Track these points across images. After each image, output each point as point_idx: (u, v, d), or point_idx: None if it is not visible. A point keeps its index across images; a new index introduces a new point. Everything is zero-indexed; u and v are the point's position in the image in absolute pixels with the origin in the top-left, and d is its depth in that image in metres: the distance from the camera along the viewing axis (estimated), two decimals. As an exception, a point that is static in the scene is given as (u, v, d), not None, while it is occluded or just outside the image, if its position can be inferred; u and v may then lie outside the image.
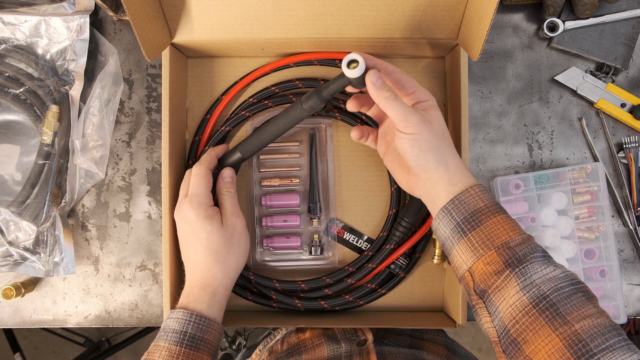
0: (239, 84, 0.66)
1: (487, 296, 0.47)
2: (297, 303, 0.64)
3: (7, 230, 0.64)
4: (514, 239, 0.46)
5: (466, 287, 0.49)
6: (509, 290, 0.45)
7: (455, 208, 0.49)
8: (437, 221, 0.51)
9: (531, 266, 0.45)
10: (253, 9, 0.58)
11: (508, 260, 0.45)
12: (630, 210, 0.68)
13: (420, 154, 0.50)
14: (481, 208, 0.48)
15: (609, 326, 0.42)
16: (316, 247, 0.66)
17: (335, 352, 0.60)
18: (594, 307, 0.43)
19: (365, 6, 0.58)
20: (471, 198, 0.49)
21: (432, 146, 0.50)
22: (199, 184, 0.56)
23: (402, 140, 0.50)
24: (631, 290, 0.69)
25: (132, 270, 0.69)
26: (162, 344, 0.50)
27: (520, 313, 0.44)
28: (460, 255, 0.48)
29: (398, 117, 0.49)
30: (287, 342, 0.67)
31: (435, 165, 0.50)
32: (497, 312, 0.46)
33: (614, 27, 0.68)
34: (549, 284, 0.44)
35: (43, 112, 0.64)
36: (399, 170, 0.56)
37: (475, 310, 0.49)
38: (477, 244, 0.47)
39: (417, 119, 0.49)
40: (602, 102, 0.68)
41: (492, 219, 0.47)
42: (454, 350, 0.66)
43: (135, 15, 0.52)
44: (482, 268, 0.47)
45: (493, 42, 0.70)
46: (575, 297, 0.43)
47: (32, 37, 0.65)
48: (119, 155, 0.69)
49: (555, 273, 0.45)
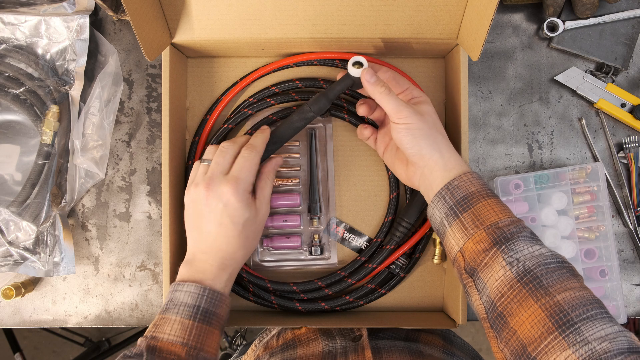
0: (239, 84, 0.66)
1: (476, 274, 0.48)
2: (297, 305, 0.64)
3: (7, 230, 0.64)
4: (502, 220, 0.48)
5: (458, 267, 0.51)
6: (496, 266, 0.46)
7: (449, 192, 0.51)
8: (432, 206, 0.53)
9: (517, 244, 0.47)
10: (253, 9, 0.58)
11: (496, 239, 0.47)
12: (630, 210, 0.68)
13: (414, 141, 0.53)
14: (473, 192, 0.50)
15: (591, 299, 0.43)
16: (316, 247, 0.66)
17: (331, 347, 0.61)
18: (577, 282, 0.44)
19: (365, 6, 0.58)
20: (464, 183, 0.51)
21: (424, 134, 0.53)
22: (250, 170, 0.54)
23: (397, 131, 0.54)
24: (631, 290, 0.69)
25: (132, 270, 0.69)
26: (173, 317, 0.50)
27: (506, 287, 0.45)
28: (453, 237, 0.50)
29: (392, 109, 0.53)
30: (283, 337, 0.67)
31: (429, 152, 0.53)
32: (484, 288, 0.47)
33: (614, 27, 0.68)
34: (534, 260, 0.46)
35: (43, 112, 0.64)
36: (397, 164, 0.59)
37: (466, 290, 0.50)
38: (468, 224, 0.49)
39: (409, 111, 0.53)
40: (602, 102, 0.68)
41: (483, 202, 0.50)
42: (450, 340, 0.67)
43: (135, 15, 0.52)
44: (471, 247, 0.48)
45: (493, 42, 0.70)
46: (560, 272, 0.45)
47: (32, 37, 0.65)
48: (119, 155, 0.69)
49: (541, 251, 0.46)
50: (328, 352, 0.60)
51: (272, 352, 0.65)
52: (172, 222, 0.60)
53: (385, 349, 0.58)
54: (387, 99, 0.53)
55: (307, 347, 0.62)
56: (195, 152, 0.65)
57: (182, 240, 0.65)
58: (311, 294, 0.64)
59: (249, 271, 0.64)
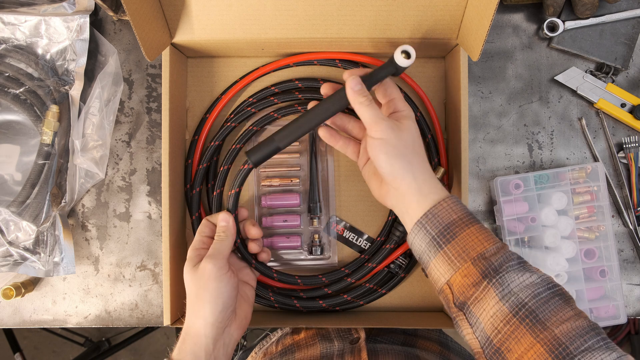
0: (239, 84, 0.66)
1: (467, 308, 0.48)
2: (295, 303, 0.64)
3: (7, 230, 0.64)
4: (488, 249, 0.47)
5: (445, 300, 0.50)
6: (489, 301, 0.46)
7: (429, 222, 0.50)
8: (412, 235, 0.51)
9: (508, 275, 0.46)
10: (253, 9, 0.58)
11: (485, 271, 0.47)
12: (630, 210, 0.68)
13: (387, 159, 0.51)
14: (454, 220, 0.49)
15: (587, 327, 0.43)
16: (316, 247, 0.66)
17: (328, 350, 0.61)
18: (571, 309, 0.45)
19: (365, 6, 0.58)
20: (444, 211, 0.50)
21: (398, 153, 0.51)
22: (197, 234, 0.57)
23: (372, 146, 0.52)
24: (631, 290, 0.69)
25: (132, 270, 0.69)
26: None
27: (502, 322, 0.45)
28: (438, 268, 0.49)
29: (370, 121, 0.51)
30: (282, 343, 0.67)
31: (402, 173, 0.51)
32: (477, 322, 0.47)
33: (614, 27, 0.68)
34: (526, 291, 0.45)
35: (43, 112, 0.64)
36: (372, 179, 0.57)
37: (456, 322, 0.50)
38: (453, 256, 0.48)
39: (386, 125, 0.51)
40: (602, 102, 0.68)
41: (466, 231, 0.48)
42: (447, 346, 0.67)
43: (135, 15, 0.52)
44: (459, 280, 0.47)
45: (493, 42, 0.70)
46: (553, 302, 0.45)
47: (32, 37, 0.65)
48: (119, 155, 0.69)
49: (531, 279, 0.46)
50: (325, 355, 0.60)
51: (271, 357, 0.65)
52: (172, 222, 0.60)
53: (382, 351, 0.58)
54: (365, 110, 0.51)
55: (305, 351, 0.62)
56: (195, 152, 0.65)
57: (182, 240, 0.65)
58: (312, 292, 0.64)
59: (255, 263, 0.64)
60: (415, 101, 0.66)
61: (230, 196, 0.58)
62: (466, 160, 0.59)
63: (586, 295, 0.65)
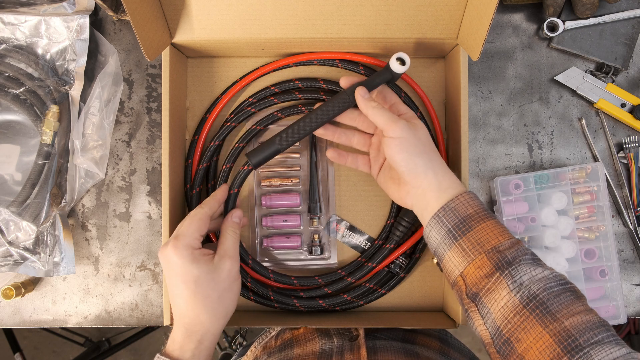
0: (239, 84, 0.66)
1: (479, 299, 0.48)
2: (295, 303, 0.64)
3: (7, 230, 0.64)
4: (503, 243, 0.48)
5: (458, 291, 0.50)
6: (500, 292, 0.46)
7: (446, 215, 0.50)
8: (428, 228, 0.52)
9: (520, 268, 0.47)
10: (253, 9, 0.58)
11: (498, 263, 0.47)
12: (630, 210, 0.68)
13: (409, 157, 0.52)
14: (471, 214, 0.50)
15: (598, 322, 0.43)
16: (316, 247, 0.66)
17: (327, 346, 0.61)
18: (582, 305, 0.45)
19: (365, 6, 0.58)
20: (461, 205, 0.50)
21: (419, 151, 0.52)
22: (189, 224, 0.53)
23: (390, 146, 0.52)
24: (631, 290, 0.69)
25: (132, 270, 0.69)
26: None
27: (512, 313, 0.45)
28: (452, 260, 0.50)
29: (386, 122, 0.53)
30: (281, 338, 0.67)
31: (423, 170, 0.52)
32: (489, 313, 0.47)
33: (614, 27, 0.68)
34: (538, 284, 0.46)
35: (43, 112, 0.64)
36: (390, 184, 0.58)
37: (468, 314, 0.50)
38: (468, 248, 0.49)
39: (403, 123, 0.53)
40: (602, 102, 0.68)
41: (482, 224, 0.49)
42: (447, 342, 0.67)
43: (135, 15, 0.52)
44: (473, 272, 0.48)
45: (493, 42, 0.70)
46: (564, 296, 0.45)
47: (32, 37, 0.65)
48: (119, 155, 0.69)
49: (544, 274, 0.46)
50: (324, 351, 0.60)
51: (270, 352, 0.65)
52: (172, 222, 0.60)
53: (381, 348, 0.58)
54: (380, 113, 0.53)
55: (304, 347, 0.63)
56: (195, 152, 0.65)
57: (182, 240, 0.65)
58: (311, 292, 0.64)
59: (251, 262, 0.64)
60: (415, 101, 0.66)
61: (230, 196, 0.59)
62: (466, 160, 0.59)
63: (586, 295, 0.65)
